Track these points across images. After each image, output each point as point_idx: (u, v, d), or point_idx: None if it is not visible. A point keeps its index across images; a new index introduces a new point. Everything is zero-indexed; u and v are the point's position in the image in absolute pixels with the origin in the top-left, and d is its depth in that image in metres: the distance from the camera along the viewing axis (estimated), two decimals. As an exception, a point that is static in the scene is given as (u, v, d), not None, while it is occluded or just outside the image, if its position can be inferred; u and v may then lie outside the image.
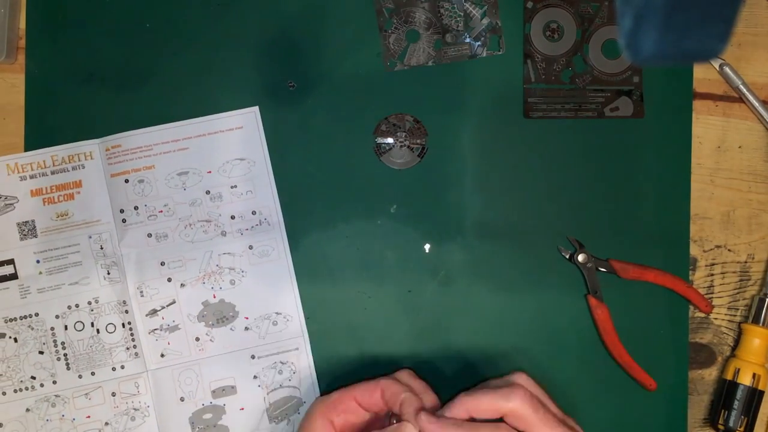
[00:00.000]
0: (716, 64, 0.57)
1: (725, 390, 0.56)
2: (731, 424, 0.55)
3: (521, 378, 0.47)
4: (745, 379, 0.55)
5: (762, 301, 0.56)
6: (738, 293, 0.58)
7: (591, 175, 0.57)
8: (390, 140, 0.57)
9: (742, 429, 0.55)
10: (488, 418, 0.44)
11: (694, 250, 0.58)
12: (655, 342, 0.57)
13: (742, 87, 0.57)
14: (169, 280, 0.56)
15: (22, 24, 0.58)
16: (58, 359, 0.56)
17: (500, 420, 0.44)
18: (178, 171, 0.57)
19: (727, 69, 0.57)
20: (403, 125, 0.57)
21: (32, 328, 0.56)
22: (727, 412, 0.55)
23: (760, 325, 0.56)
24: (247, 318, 0.56)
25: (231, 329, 0.56)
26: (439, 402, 0.48)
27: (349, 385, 0.49)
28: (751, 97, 0.57)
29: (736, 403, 0.55)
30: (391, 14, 0.57)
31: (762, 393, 0.55)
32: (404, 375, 0.51)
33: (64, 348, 0.56)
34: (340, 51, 0.57)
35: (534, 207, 0.57)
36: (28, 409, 0.55)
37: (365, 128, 0.57)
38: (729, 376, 0.56)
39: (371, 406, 0.48)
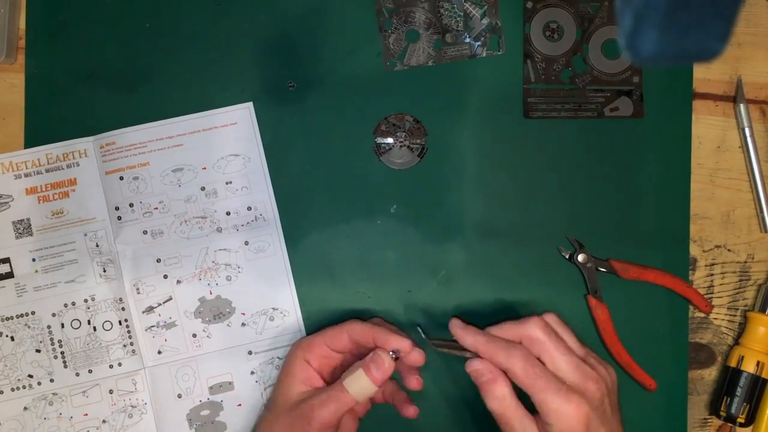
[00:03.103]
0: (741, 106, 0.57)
1: (728, 377, 0.56)
2: (733, 411, 0.55)
3: (547, 314, 0.49)
4: (749, 367, 0.55)
5: None
6: (738, 293, 0.58)
7: (591, 175, 0.57)
8: (390, 140, 0.57)
9: (744, 416, 0.55)
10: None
11: (694, 250, 0.58)
12: (655, 342, 0.57)
13: (746, 130, 0.57)
14: (165, 276, 0.56)
15: (22, 24, 0.58)
16: (55, 357, 0.56)
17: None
18: (173, 167, 0.57)
19: (741, 107, 0.57)
20: (403, 125, 0.57)
21: (29, 327, 0.56)
22: (729, 399, 0.55)
23: (766, 313, 0.56)
24: (243, 314, 0.56)
25: (228, 325, 0.56)
26: (411, 341, 0.49)
27: (323, 329, 0.52)
28: (750, 145, 0.57)
29: (738, 390, 0.55)
30: (391, 14, 0.57)
31: (766, 381, 0.55)
32: (375, 321, 0.54)
33: (61, 346, 0.56)
34: (340, 51, 0.57)
35: (534, 207, 0.57)
36: (25, 408, 0.56)
37: (365, 128, 0.57)
38: (733, 364, 0.56)
39: (342, 349, 0.51)
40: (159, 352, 0.56)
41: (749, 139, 0.57)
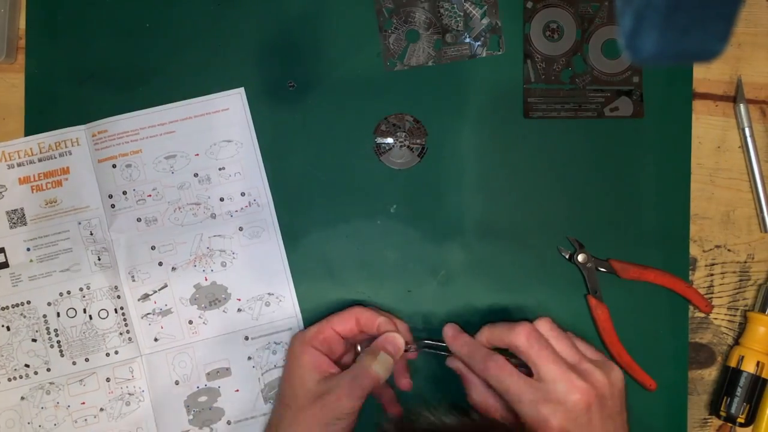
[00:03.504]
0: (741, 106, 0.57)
1: (728, 377, 0.56)
2: (733, 411, 0.55)
3: (540, 319, 0.49)
4: (749, 367, 0.55)
5: None
6: (738, 293, 0.58)
7: (591, 175, 0.57)
8: (390, 140, 0.57)
9: (744, 416, 0.55)
10: (500, 347, 0.49)
11: (694, 250, 0.58)
12: (655, 342, 0.57)
13: (746, 130, 0.57)
14: (160, 264, 0.56)
15: (22, 24, 0.58)
16: (52, 346, 0.56)
17: (508, 352, 0.49)
18: (166, 154, 0.56)
19: (741, 107, 0.57)
20: (403, 125, 0.57)
21: (24, 316, 0.56)
22: (729, 399, 0.55)
23: (766, 313, 0.56)
24: (239, 300, 0.56)
25: (224, 311, 0.56)
26: (407, 327, 0.53)
27: (325, 317, 0.52)
28: (750, 145, 0.57)
29: (738, 390, 0.55)
30: (391, 14, 0.57)
31: (766, 381, 0.55)
32: (370, 307, 0.54)
33: (57, 335, 0.56)
34: (340, 51, 0.57)
35: (534, 207, 0.57)
36: (22, 398, 0.56)
37: (365, 128, 0.57)
38: (733, 364, 0.56)
39: (348, 333, 0.52)
40: (155, 340, 0.56)
41: (749, 139, 0.57)
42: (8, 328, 0.56)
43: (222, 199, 0.56)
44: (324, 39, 0.57)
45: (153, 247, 0.56)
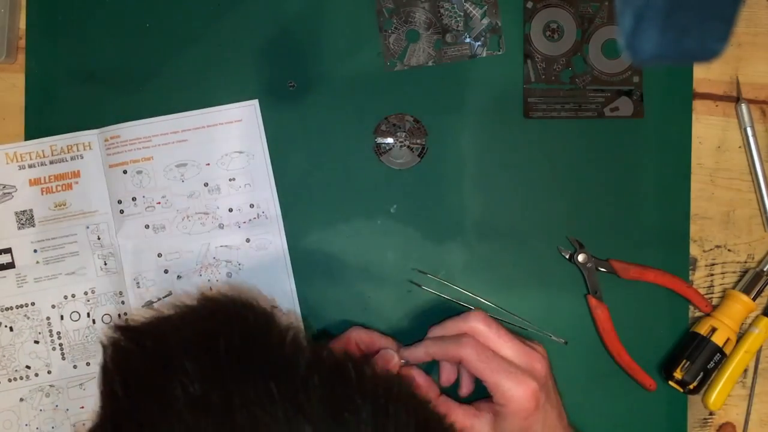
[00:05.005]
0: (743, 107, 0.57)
1: (695, 343, 0.55)
2: (689, 376, 0.54)
3: (475, 313, 0.50)
4: (718, 340, 0.55)
5: (758, 276, 0.56)
6: (738, 293, 0.58)
7: (591, 175, 0.57)
8: (390, 140, 0.57)
9: (695, 384, 0.54)
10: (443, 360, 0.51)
11: (694, 250, 0.58)
12: (655, 342, 0.57)
13: (748, 129, 0.57)
14: (166, 271, 0.56)
15: (22, 24, 0.58)
16: (53, 349, 0.56)
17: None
18: (177, 163, 0.57)
19: (743, 106, 0.57)
20: (403, 125, 0.57)
21: (28, 318, 0.56)
22: (689, 364, 0.55)
23: (748, 295, 0.56)
24: None
25: None
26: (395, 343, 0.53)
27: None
28: (753, 145, 0.57)
29: (699, 357, 0.54)
30: (391, 14, 0.57)
31: (725, 357, 0.55)
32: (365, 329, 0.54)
33: (59, 338, 0.56)
34: (340, 51, 0.57)
35: (534, 207, 0.57)
36: (21, 399, 0.56)
37: (365, 128, 0.57)
38: (703, 332, 0.55)
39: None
40: None
41: (751, 139, 0.57)
42: (11, 329, 0.56)
43: (231, 210, 0.56)
44: (324, 39, 0.57)
45: (159, 255, 0.56)
